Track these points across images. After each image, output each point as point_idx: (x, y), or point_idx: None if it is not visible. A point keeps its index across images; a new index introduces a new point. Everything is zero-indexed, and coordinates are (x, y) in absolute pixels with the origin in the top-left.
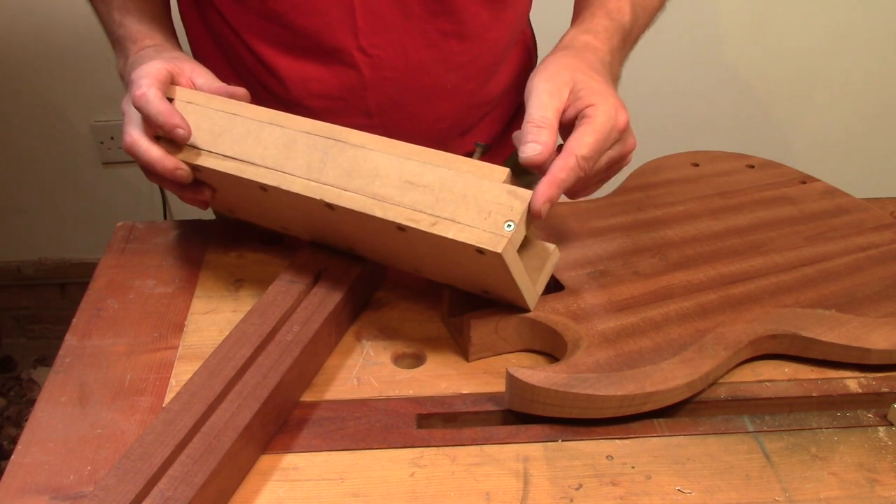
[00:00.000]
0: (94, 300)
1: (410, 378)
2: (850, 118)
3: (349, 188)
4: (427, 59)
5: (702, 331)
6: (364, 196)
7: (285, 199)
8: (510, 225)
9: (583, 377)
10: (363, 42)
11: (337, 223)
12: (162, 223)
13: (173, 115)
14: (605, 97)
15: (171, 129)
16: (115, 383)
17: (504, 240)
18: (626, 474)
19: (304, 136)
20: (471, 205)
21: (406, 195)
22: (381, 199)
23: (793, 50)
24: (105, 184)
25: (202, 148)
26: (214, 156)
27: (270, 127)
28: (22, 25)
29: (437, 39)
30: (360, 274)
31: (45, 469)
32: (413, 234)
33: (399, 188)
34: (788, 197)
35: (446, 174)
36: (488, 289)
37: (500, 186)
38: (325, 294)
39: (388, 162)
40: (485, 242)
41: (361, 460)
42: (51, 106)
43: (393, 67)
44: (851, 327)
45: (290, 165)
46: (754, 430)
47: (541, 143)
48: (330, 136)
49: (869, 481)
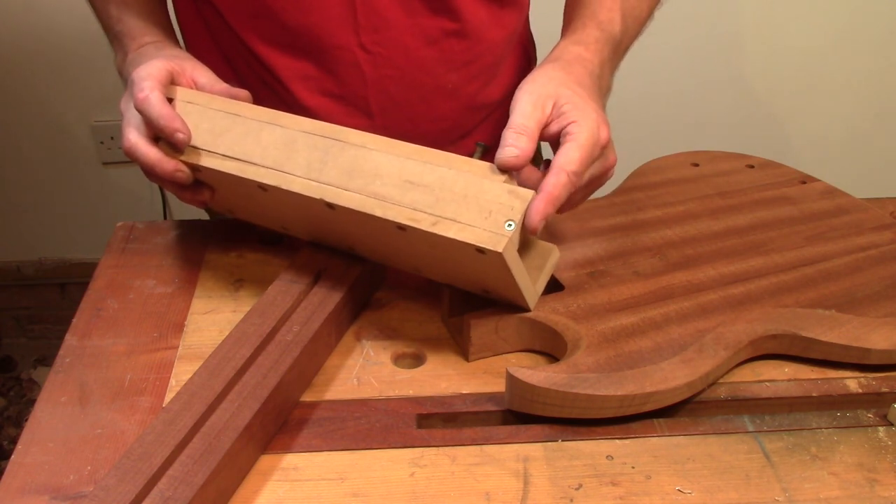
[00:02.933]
0: (94, 300)
1: (410, 378)
2: (851, 118)
3: (349, 188)
4: (428, 57)
5: (702, 331)
6: (364, 196)
7: (285, 199)
8: (511, 224)
9: (583, 377)
10: (364, 39)
11: (337, 223)
12: (162, 223)
13: (174, 120)
14: (587, 113)
15: (172, 134)
16: (115, 383)
17: (504, 239)
18: (626, 474)
19: (305, 135)
20: (471, 204)
21: (406, 195)
22: (382, 199)
23: (793, 50)
24: (105, 184)
25: (202, 148)
26: (214, 156)
27: (270, 127)
28: (22, 25)
29: (437, 38)
30: (360, 274)
31: (45, 469)
32: (413, 234)
33: (399, 188)
34: (788, 197)
35: (447, 174)
36: (489, 288)
37: (501, 186)
38: (325, 294)
39: (388, 162)
40: (485, 242)
41: (361, 460)
42: (51, 106)
43: (394, 66)
44: (851, 327)
45: (290, 165)
46: (754, 430)
47: (518, 149)
48: (330, 136)
49: (869, 481)
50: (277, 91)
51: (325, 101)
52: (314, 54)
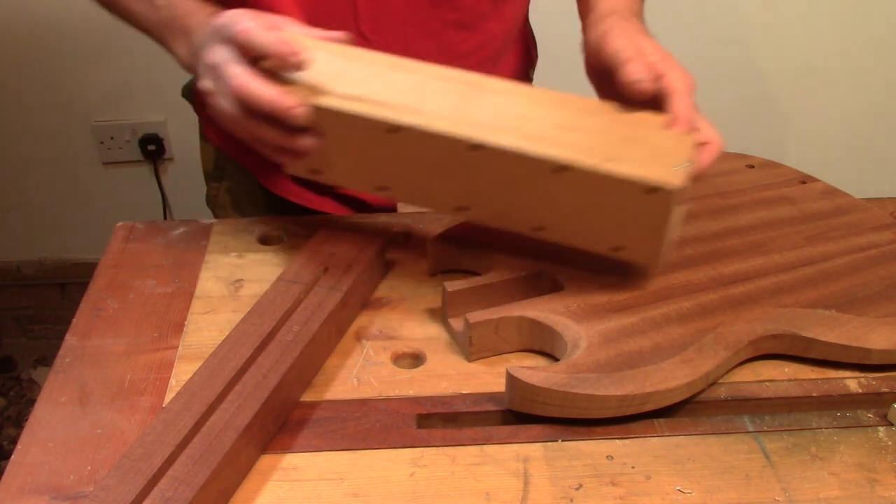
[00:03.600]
0: (94, 300)
1: (410, 378)
2: (850, 118)
3: (497, 129)
4: (428, 48)
5: (702, 331)
6: (516, 137)
7: (413, 147)
8: (683, 166)
9: (583, 377)
10: (363, 27)
11: (467, 173)
12: (162, 223)
13: (287, 42)
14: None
15: (287, 57)
16: (115, 383)
17: (680, 177)
18: (626, 474)
19: (438, 81)
20: (634, 147)
21: (564, 136)
22: (536, 140)
23: (793, 50)
24: (105, 184)
25: (319, 88)
26: (334, 96)
27: (397, 71)
28: (22, 24)
29: (437, 29)
30: (360, 274)
31: (45, 469)
32: (569, 178)
33: (555, 130)
34: (788, 197)
35: (604, 119)
36: (624, 244)
37: (663, 132)
38: (325, 294)
39: (538, 107)
40: (660, 180)
41: (361, 460)
42: (51, 106)
43: None
44: (851, 327)
45: (424, 107)
46: (754, 430)
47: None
48: (468, 83)
49: (869, 481)
50: None
51: None
52: None
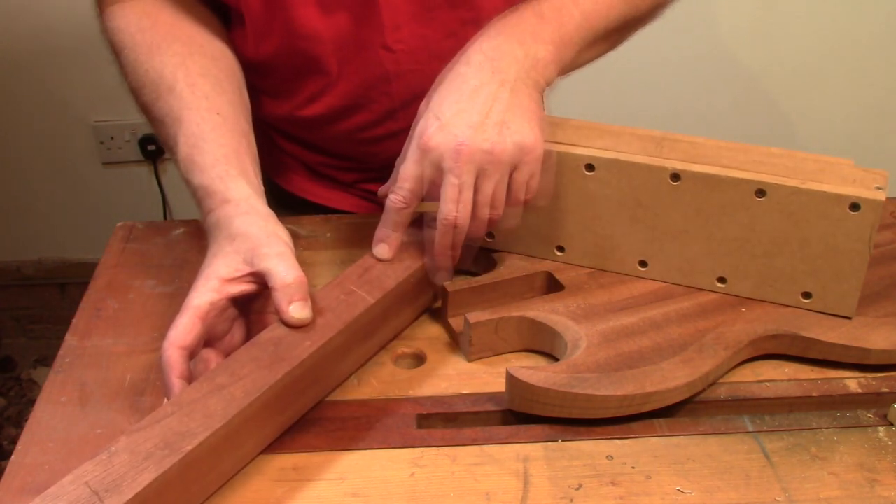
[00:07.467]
0: (94, 300)
1: (410, 378)
2: (851, 118)
3: (695, 163)
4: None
5: (702, 331)
6: (714, 168)
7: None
8: (881, 188)
9: (583, 377)
10: (388, 38)
11: (655, 218)
12: (162, 223)
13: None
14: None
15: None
16: (115, 383)
17: (882, 193)
18: (626, 474)
19: (631, 135)
20: (829, 175)
21: (759, 167)
22: (734, 169)
23: (794, 49)
24: (105, 184)
25: None
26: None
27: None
28: (21, 25)
29: (456, 29)
30: None
31: (45, 469)
32: (769, 203)
33: (749, 164)
34: None
35: (793, 158)
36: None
37: (852, 167)
38: None
39: (725, 149)
40: (862, 195)
41: (361, 460)
42: (51, 106)
43: (415, 60)
44: (851, 327)
45: (622, 150)
46: (754, 430)
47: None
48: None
49: (869, 481)
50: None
51: (347, 99)
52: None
